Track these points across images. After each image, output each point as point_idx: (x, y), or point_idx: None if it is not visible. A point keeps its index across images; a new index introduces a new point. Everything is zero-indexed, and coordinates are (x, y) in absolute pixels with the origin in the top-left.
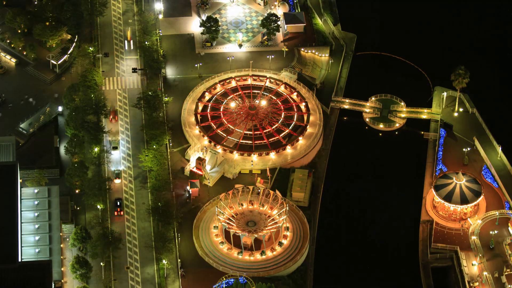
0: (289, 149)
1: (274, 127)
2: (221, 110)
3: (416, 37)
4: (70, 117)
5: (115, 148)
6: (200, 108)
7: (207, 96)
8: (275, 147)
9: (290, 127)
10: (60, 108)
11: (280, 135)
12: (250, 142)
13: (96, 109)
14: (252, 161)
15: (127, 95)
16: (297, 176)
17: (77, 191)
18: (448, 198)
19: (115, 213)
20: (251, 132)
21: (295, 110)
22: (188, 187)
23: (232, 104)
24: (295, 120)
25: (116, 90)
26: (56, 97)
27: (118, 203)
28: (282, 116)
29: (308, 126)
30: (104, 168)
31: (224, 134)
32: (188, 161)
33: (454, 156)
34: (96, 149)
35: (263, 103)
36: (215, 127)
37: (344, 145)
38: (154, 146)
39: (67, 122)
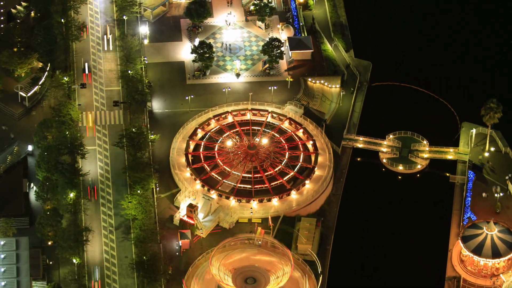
0: (294, 195)
1: (277, 169)
2: (216, 149)
3: (440, 66)
4: (41, 157)
5: None
6: (192, 147)
7: (200, 133)
8: (278, 192)
9: (296, 169)
10: (30, 147)
11: (284, 178)
12: (249, 186)
13: (72, 149)
14: (251, 208)
15: (107, 132)
16: (303, 226)
17: (49, 243)
18: (478, 251)
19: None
20: (250, 175)
21: (301, 149)
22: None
23: (229, 143)
24: (301, 161)
25: (95, 127)
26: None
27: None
28: (286, 157)
29: (316, 168)
30: (81, 217)
31: (219, 178)
32: (178, 208)
33: (485, 202)
34: (71, 195)
35: (264, 141)
36: (208, 169)
37: (357, 190)
38: (139, 191)
39: (38, 164)
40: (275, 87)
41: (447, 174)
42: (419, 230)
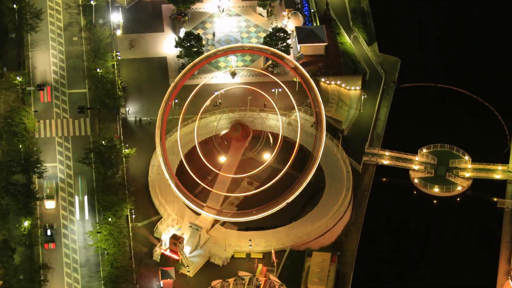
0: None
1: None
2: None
3: (486, 63)
4: None
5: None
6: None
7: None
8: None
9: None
10: None
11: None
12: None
13: (26, 166)
14: (250, 240)
15: (70, 146)
16: (315, 262)
17: None
18: None
19: None
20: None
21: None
22: (160, 279)
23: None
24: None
25: (55, 139)
26: None
27: None
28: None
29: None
30: (38, 251)
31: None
32: (159, 240)
33: None
34: (26, 223)
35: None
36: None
37: (382, 218)
38: (110, 219)
39: None
40: (279, 90)
41: (495, 199)
42: (460, 267)
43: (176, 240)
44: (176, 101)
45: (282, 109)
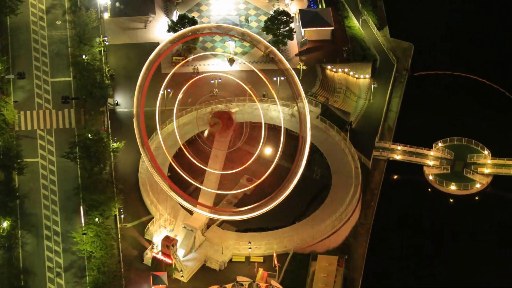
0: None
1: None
2: None
3: (506, 50)
4: None
5: None
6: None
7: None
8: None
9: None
10: None
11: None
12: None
13: (5, 161)
14: (249, 242)
15: (53, 139)
16: (320, 266)
17: None
18: None
19: None
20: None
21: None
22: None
23: None
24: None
25: (37, 132)
26: None
27: None
28: None
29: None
30: (18, 254)
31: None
32: (150, 242)
33: None
34: (5, 224)
35: None
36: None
37: (394, 218)
38: (96, 220)
39: None
40: (282, 78)
41: None
42: (479, 273)
43: (168, 242)
44: (169, 90)
45: (284, 99)
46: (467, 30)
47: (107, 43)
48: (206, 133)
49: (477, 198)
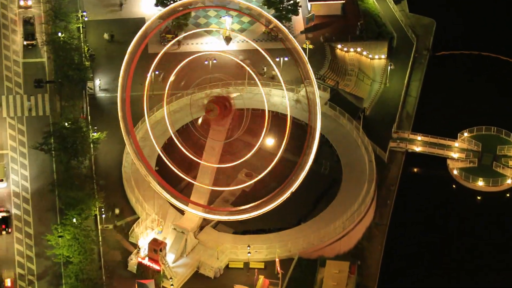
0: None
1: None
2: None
3: None
4: None
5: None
6: None
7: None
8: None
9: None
10: None
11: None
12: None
13: None
14: (249, 246)
15: (24, 129)
16: (330, 273)
17: None
18: None
19: None
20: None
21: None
22: None
23: None
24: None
25: (7, 120)
26: None
27: None
28: None
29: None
30: None
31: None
32: (135, 246)
33: None
34: None
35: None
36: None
37: (413, 218)
38: (74, 220)
39: None
40: (285, 58)
41: None
42: (510, 280)
43: (156, 246)
44: (157, 72)
45: (288, 82)
46: (496, 5)
47: (86, 19)
48: (200, 120)
49: (508, 195)
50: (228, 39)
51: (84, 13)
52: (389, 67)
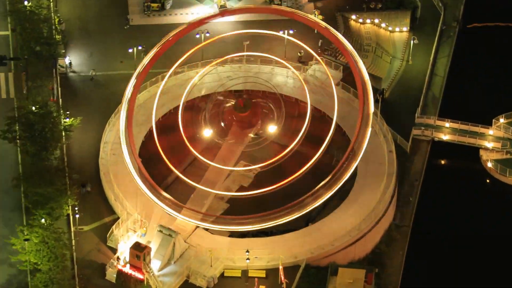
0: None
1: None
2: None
3: None
4: None
5: None
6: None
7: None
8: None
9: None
10: None
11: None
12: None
13: None
14: (247, 251)
15: None
16: (343, 283)
17: None
18: None
19: None
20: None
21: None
22: None
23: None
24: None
25: None
26: None
27: None
28: None
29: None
30: None
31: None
32: (115, 252)
33: None
34: None
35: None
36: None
37: (440, 218)
38: (43, 221)
39: None
40: (291, 31)
41: None
42: None
43: (139, 251)
44: (140, 47)
45: (293, 60)
46: None
47: None
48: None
49: None
50: (222, 9)
51: None
52: (412, 42)
